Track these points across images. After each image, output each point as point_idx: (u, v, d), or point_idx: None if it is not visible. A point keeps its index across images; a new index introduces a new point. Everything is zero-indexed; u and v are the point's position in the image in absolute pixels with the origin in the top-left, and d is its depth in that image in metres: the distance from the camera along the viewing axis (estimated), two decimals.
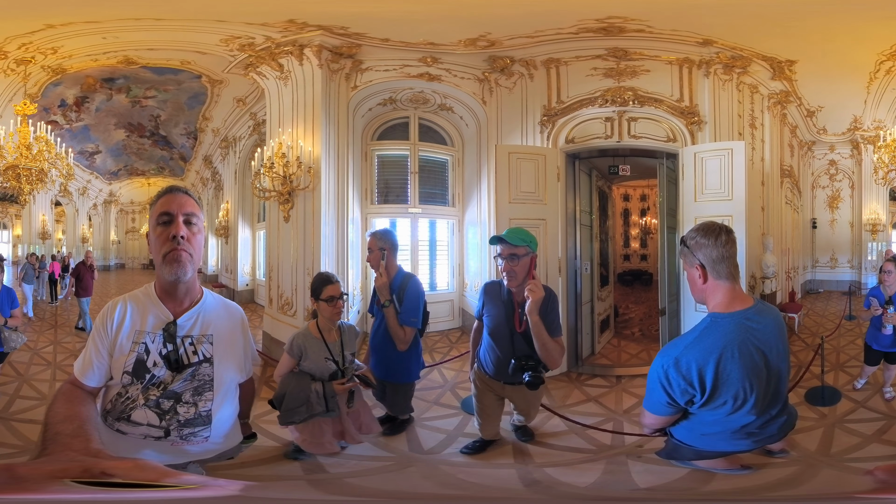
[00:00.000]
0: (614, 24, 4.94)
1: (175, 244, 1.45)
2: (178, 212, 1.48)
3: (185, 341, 1.49)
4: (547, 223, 5.65)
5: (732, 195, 5.36)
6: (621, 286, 10.87)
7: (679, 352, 1.65)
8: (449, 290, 7.00)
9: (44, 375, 5.12)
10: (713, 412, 1.67)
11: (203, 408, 1.49)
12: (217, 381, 1.51)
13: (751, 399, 1.63)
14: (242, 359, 1.65)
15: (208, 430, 1.50)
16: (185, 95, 7.64)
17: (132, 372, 1.46)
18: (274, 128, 5.83)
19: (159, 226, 1.50)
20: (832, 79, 6.18)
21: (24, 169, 5.70)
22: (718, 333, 1.63)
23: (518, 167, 5.51)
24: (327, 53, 5.47)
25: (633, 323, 8.09)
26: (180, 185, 1.58)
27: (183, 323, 1.50)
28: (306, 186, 5.47)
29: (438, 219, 7.05)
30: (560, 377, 5.39)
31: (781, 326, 1.78)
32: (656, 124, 5.88)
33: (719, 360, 1.60)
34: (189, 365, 1.48)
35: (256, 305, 7.90)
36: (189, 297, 1.55)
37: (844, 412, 4.24)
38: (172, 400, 1.46)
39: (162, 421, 1.45)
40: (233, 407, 1.60)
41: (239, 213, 8.26)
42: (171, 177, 9.33)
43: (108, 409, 1.48)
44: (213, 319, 1.55)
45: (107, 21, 4.87)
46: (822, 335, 5.14)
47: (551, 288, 3.08)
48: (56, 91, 6.81)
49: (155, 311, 1.50)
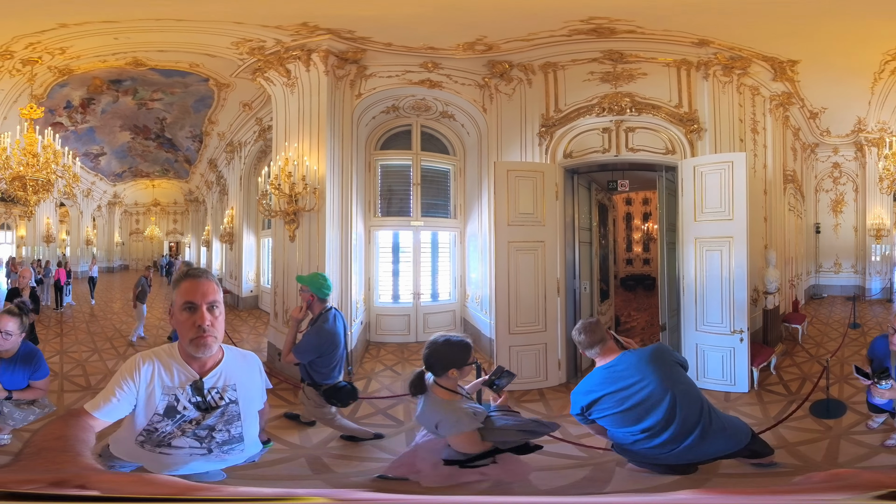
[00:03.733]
0: (602, 26, 4.89)
1: (201, 332, 1.65)
2: (202, 302, 1.66)
3: (212, 392, 1.75)
4: (545, 245, 5.65)
5: (733, 214, 5.24)
6: (623, 291, 10.79)
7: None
8: (451, 301, 7.11)
9: (52, 386, 5.10)
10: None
11: (235, 432, 1.78)
12: (244, 413, 1.80)
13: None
14: (261, 393, 1.96)
15: (242, 445, 1.81)
16: (192, 98, 7.71)
17: (163, 413, 1.69)
18: (280, 141, 5.86)
19: (185, 311, 1.67)
20: (836, 79, 6.07)
21: (30, 180, 5.68)
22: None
23: (516, 186, 5.49)
24: (333, 59, 5.50)
25: (635, 332, 7.90)
26: (200, 269, 1.73)
27: (209, 380, 1.75)
28: (311, 208, 5.53)
29: (440, 230, 7.15)
30: (559, 388, 5.43)
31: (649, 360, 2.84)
32: (654, 135, 5.76)
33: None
34: (218, 406, 1.75)
35: (261, 312, 7.95)
36: (212, 360, 1.77)
37: (850, 424, 4.21)
38: (207, 430, 1.73)
39: (202, 444, 1.73)
40: (257, 426, 1.91)
41: (244, 219, 8.30)
42: (176, 179, 9.39)
43: (143, 439, 1.71)
44: (234, 371, 1.80)
45: (125, 21, 4.88)
46: (827, 357, 5.04)
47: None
48: (62, 92, 6.87)
49: (180, 370, 1.73)
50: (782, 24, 4.90)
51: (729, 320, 5.20)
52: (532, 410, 4.75)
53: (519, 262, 5.51)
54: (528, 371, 5.41)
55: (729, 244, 5.25)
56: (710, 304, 5.35)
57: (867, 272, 7.38)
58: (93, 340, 6.82)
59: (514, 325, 5.43)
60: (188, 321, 1.66)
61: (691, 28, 5.03)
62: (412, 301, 6.87)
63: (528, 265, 5.56)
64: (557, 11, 4.75)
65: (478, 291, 6.60)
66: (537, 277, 5.59)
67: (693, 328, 5.44)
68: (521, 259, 5.52)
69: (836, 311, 7.33)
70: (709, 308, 5.36)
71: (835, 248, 7.70)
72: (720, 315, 5.27)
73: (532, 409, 4.76)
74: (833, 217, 7.71)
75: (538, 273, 5.60)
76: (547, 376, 5.54)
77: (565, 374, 5.65)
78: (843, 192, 7.65)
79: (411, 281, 6.92)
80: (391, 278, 7.00)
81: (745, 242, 5.18)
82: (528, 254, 5.57)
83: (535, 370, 5.50)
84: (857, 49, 5.36)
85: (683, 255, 5.59)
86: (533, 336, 5.51)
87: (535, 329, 5.54)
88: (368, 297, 6.73)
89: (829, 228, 7.73)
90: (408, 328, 6.68)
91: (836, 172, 7.69)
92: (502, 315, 5.38)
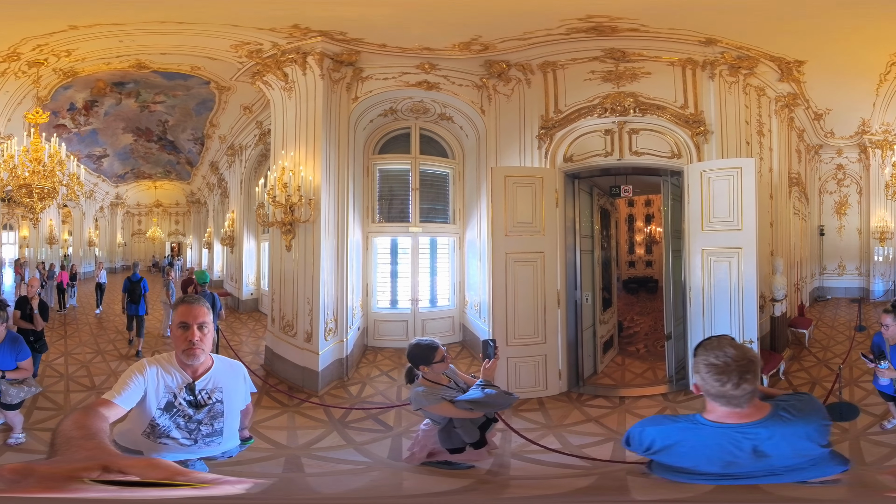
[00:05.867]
0: (602, 24, 4.77)
1: (191, 345, 2.07)
2: (193, 322, 2.08)
3: (202, 392, 2.15)
4: (545, 256, 5.41)
5: (742, 224, 4.99)
6: (626, 294, 10.69)
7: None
8: (450, 307, 7.04)
9: (58, 387, 5.20)
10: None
11: (217, 426, 2.17)
12: (227, 412, 2.19)
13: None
14: (244, 395, 2.34)
15: (221, 439, 2.19)
16: (194, 101, 7.75)
17: (164, 408, 2.10)
18: (278, 149, 5.85)
19: (179, 328, 2.09)
20: (841, 80, 5.98)
21: (36, 188, 5.69)
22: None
23: (514, 193, 5.27)
24: (329, 62, 5.48)
25: (638, 338, 7.79)
26: (193, 297, 2.20)
27: (200, 383, 2.15)
28: (307, 219, 5.51)
29: (439, 236, 7.06)
30: (559, 397, 5.27)
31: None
32: (659, 137, 5.54)
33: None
34: (206, 405, 2.15)
35: (260, 314, 7.99)
36: (203, 367, 2.17)
37: (864, 426, 4.18)
38: (196, 424, 2.14)
39: (191, 436, 2.13)
40: (236, 423, 2.27)
41: (244, 223, 8.33)
42: (178, 181, 9.46)
43: (149, 431, 2.09)
44: (221, 376, 2.21)
45: (131, 24, 4.93)
46: (840, 365, 4.94)
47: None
48: (66, 95, 6.92)
49: (177, 374, 2.13)
50: (790, 23, 4.80)
51: (738, 330, 4.99)
52: (531, 420, 4.62)
53: (517, 274, 5.28)
54: (527, 381, 5.21)
55: (738, 255, 5.03)
56: (719, 314, 5.14)
57: (871, 274, 7.30)
58: (96, 343, 6.88)
59: (511, 336, 5.21)
60: (182, 336, 2.08)
61: (698, 26, 4.90)
62: (410, 307, 6.81)
63: (527, 277, 5.33)
64: (552, 9, 4.66)
65: (477, 298, 6.49)
66: (536, 289, 5.35)
67: (701, 338, 5.21)
68: (519, 271, 5.30)
69: (840, 313, 7.25)
70: (717, 318, 5.15)
71: (839, 250, 7.63)
72: (729, 325, 5.06)
73: (531, 419, 4.64)
74: (837, 219, 7.63)
75: (537, 285, 5.36)
76: (547, 386, 5.33)
77: (566, 383, 5.45)
78: (847, 194, 7.57)
79: (409, 286, 6.84)
80: (389, 284, 6.94)
81: (755, 254, 4.96)
82: (526, 265, 5.34)
83: (535, 380, 5.29)
84: (864, 50, 5.26)
85: (690, 265, 5.39)
86: (532, 348, 5.29)
87: (534, 341, 5.31)
88: (366, 303, 6.69)
89: (832, 231, 7.66)
90: (406, 334, 6.58)
91: (839, 174, 7.61)
92: (499, 327, 5.17)
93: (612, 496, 1.57)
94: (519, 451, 3.94)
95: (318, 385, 5.31)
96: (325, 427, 4.47)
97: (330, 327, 5.60)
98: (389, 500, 1.55)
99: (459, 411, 2.89)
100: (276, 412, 4.77)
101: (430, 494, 2.03)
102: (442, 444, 3.05)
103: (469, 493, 2.02)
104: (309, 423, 4.55)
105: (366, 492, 2.30)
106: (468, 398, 2.89)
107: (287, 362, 5.68)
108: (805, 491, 1.61)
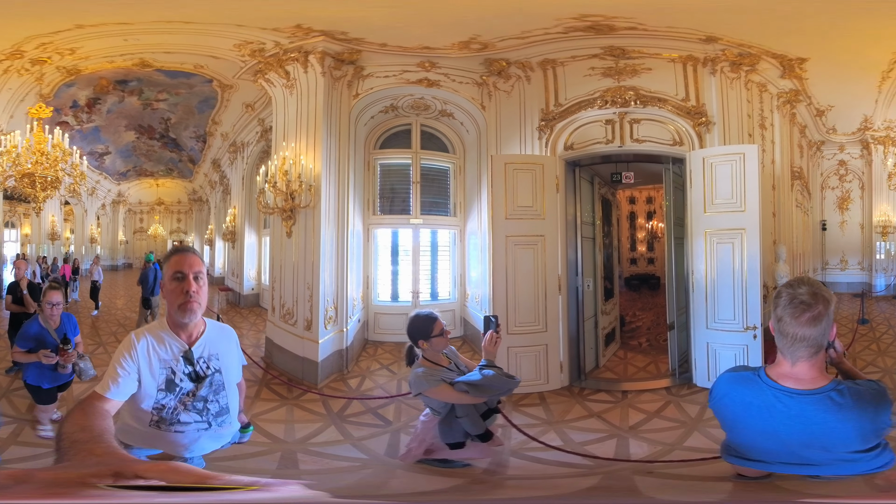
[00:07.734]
0: (599, 23, 4.79)
1: (188, 297, 1.84)
2: (189, 272, 1.85)
3: (200, 361, 1.95)
4: (545, 239, 5.33)
5: (745, 206, 4.96)
6: (628, 291, 10.68)
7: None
8: (451, 300, 7.00)
9: None
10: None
11: (223, 402, 1.98)
12: (227, 383, 2.00)
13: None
14: (238, 364, 2.15)
15: (230, 417, 2.01)
16: (196, 99, 7.77)
17: (165, 388, 1.88)
18: (279, 141, 5.88)
19: (174, 281, 1.86)
20: (843, 77, 5.97)
21: (39, 177, 5.76)
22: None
23: (515, 179, 5.23)
24: (330, 60, 5.51)
25: (640, 332, 7.78)
26: (188, 245, 1.89)
27: (196, 350, 1.95)
28: (307, 205, 5.53)
29: (440, 229, 7.04)
30: (561, 391, 5.17)
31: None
32: (661, 126, 5.53)
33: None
34: (206, 376, 1.95)
35: (261, 309, 7.98)
36: (197, 330, 1.96)
37: None
38: (202, 401, 1.93)
39: (202, 417, 1.93)
40: (237, 398, 2.10)
41: (246, 218, 8.36)
42: (180, 178, 9.48)
43: (157, 419, 1.89)
44: (215, 341, 2.01)
45: (137, 23, 4.95)
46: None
47: None
48: (68, 92, 6.95)
49: (172, 343, 1.91)
50: (792, 22, 4.80)
51: (742, 316, 4.93)
52: (531, 416, 4.54)
53: (518, 258, 5.20)
54: (528, 374, 5.03)
55: (741, 236, 4.99)
56: (722, 299, 5.08)
57: (873, 269, 7.29)
58: (98, 335, 6.91)
59: (512, 324, 5.11)
60: (177, 289, 1.85)
61: (697, 25, 4.91)
62: (411, 300, 6.80)
63: (528, 261, 5.25)
64: (546, 9, 4.68)
65: (477, 291, 6.48)
66: (537, 274, 5.27)
67: (703, 326, 5.16)
68: (519, 254, 5.22)
69: (843, 307, 7.23)
70: (720, 304, 5.09)
71: (841, 244, 7.63)
72: (732, 311, 4.99)
73: (531, 414, 4.56)
74: (839, 214, 7.63)
75: (538, 269, 5.28)
76: (548, 379, 5.21)
77: (567, 377, 5.35)
78: (849, 189, 7.57)
79: (410, 280, 6.83)
80: (390, 277, 6.94)
81: (758, 234, 4.92)
82: (527, 249, 5.27)
83: (536, 373, 5.17)
84: (867, 47, 5.25)
85: (693, 250, 5.33)
86: (533, 337, 5.20)
87: (535, 329, 5.23)
88: (367, 296, 6.69)
89: (835, 225, 7.66)
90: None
91: (842, 170, 7.61)
92: (500, 314, 4.94)
93: (618, 498, 1.52)
94: (519, 449, 3.84)
95: (318, 377, 5.30)
96: (324, 421, 4.46)
97: (330, 315, 5.59)
98: (368, 500, 1.44)
99: (457, 394, 2.64)
100: (275, 404, 4.77)
101: (413, 494, 1.98)
102: (442, 437, 2.81)
103: (455, 493, 1.99)
104: (307, 417, 4.54)
105: (348, 491, 2.24)
106: (466, 379, 2.65)
107: (287, 353, 5.67)
108: (830, 488, 1.55)
